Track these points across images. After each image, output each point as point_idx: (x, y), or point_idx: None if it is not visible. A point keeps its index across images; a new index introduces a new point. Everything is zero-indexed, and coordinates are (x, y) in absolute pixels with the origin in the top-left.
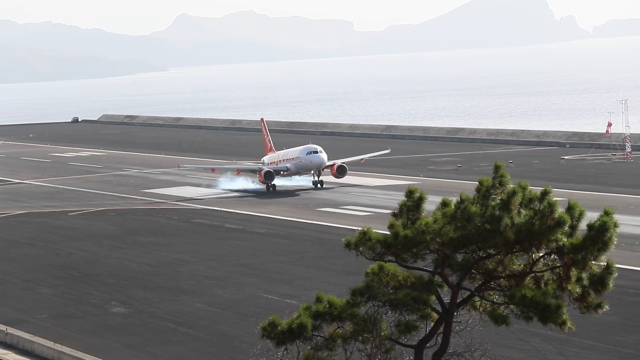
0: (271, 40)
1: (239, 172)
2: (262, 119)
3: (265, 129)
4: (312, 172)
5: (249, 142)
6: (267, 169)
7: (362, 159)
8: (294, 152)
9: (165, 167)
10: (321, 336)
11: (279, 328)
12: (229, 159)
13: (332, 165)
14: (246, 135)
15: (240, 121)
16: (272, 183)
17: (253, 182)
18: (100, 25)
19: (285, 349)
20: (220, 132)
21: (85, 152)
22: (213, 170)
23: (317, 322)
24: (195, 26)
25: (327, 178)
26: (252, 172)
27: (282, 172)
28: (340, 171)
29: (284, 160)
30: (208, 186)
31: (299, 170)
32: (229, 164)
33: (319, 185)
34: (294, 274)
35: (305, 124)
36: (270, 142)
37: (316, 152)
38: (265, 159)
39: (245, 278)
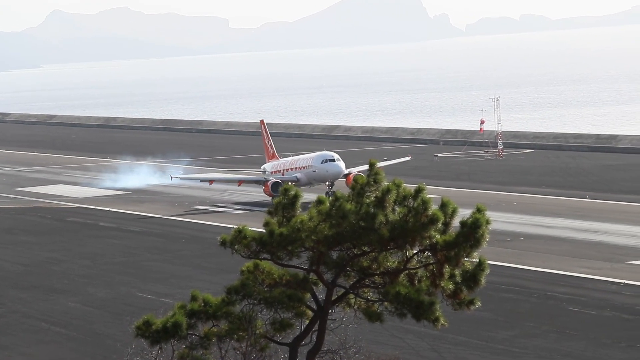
0: (146, 36)
1: (240, 183)
2: (261, 121)
3: (266, 132)
4: (327, 183)
5: (124, 140)
6: (274, 180)
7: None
8: (304, 159)
9: (38, 165)
10: (196, 335)
11: (153, 327)
12: (104, 156)
13: (347, 175)
14: (121, 132)
15: (114, 118)
16: None
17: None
18: None
19: (160, 348)
20: (95, 130)
21: None
22: (210, 182)
23: (192, 320)
24: (69, 22)
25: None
26: (256, 183)
27: (290, 183)
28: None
29: (292, 169)
30: (82, 184)
31: (311, 181)
32: (228, 175)
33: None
34: (168, 273)
35: (180, 121)
36: (272, 148)
37: (333, 160)
38: (267, 167)
39: (119, 277)
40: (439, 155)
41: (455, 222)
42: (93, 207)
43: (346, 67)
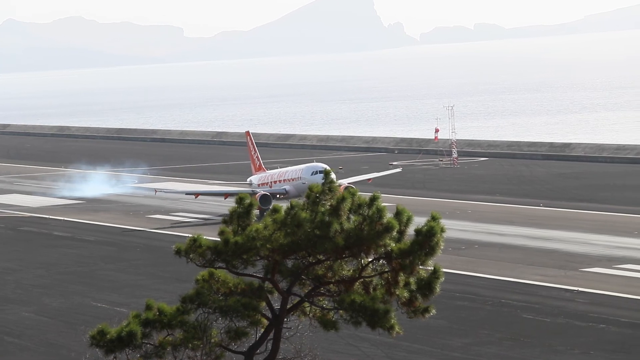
0: (101, 46)
1: (227, 196)
2: (247, 132)
3: (252, 143)
4: None
5: (78, 149)
6: (263, 193)
7: (369, 179)
8: (293, 171)
9: None
10: (151, 344)
11: (108, 336)
12: (58, 166)
13: (338, 187)
14: (75, 142)
15: (69, 127)
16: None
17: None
18: None
19: (115, 357)
20: (49, 139)
21: None
22: (196, 195)
23: (147, 329)
24: (23, 32)
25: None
26: None
27: (278, 196)
28: None
29: (280, 181)
30: (37, 194)
31: (301, 194)
32: (213, 188)
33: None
34: (123, 282)
35: (135, 130)
36: (259, 160)
37: (323, 171)
38: (253, 179)
39: (73, 286)
40: (394, 163)
41: (410, 230)
42: (47, 216)
43: (301, 76)
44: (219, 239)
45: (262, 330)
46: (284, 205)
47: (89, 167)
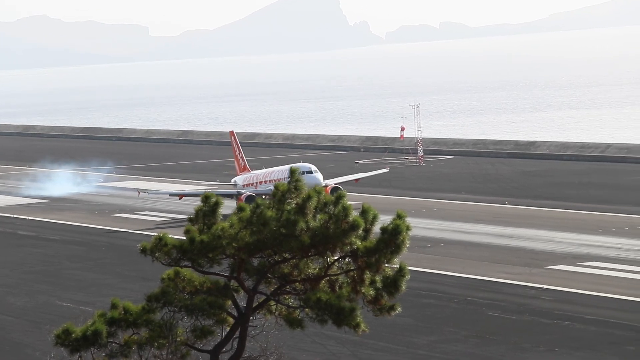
0: (66, 44)
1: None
2: (231, 132)
3: (237, 143)
4: None
5: (43, 148)
6: (248, 194)
7: (356, 180)
8: (279, 171)
9: None
10: (116, 343)
11: (73, 335)
12: (23, 164)
13: (324, 187)
14: (41, 141)
15: (34, 127)
16: None
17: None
18: None
19: (80, 357)
20: (14, 138)
21: None
22: (180, 197)
23: (113, 328)
24: None
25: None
26: (229, 197)
27: (264, 197)
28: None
29: (266, 181)
30: (1, 193)
31: None
32: (198, 189)
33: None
34: (89, 281)
35: (100, 129)
36: (243, 160)
37: (310, 172)
38: (238, 179)
39: (38, 285)
40: (359, 161)
41: (376, 229)
42: (11, 215)
43: (266, 75)
44: (184, 238)
45: (228, 328)
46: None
47: (54, 166)
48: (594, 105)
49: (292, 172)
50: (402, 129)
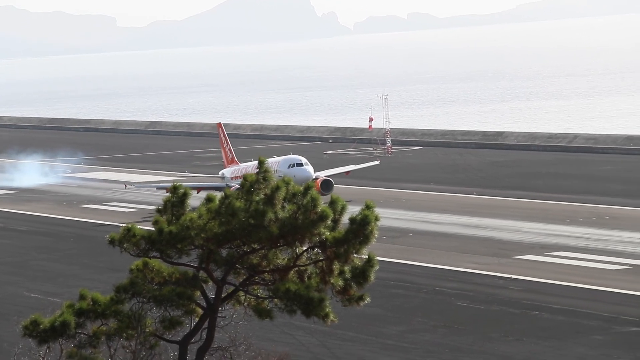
0: (33, 35)
1: (199, 190)
2: (219, 124)
3: (225, 135)
4: None
5: (10, 139)
6: (237, 187)
7: (346, 172)
8: (269, 164)
9: None
10: (85, 334)
11: (41, 326)
12: None
13: (315, 179)
14: (7, 131)
15: (0, 117)
16: None
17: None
18: None
19: (48, 348)
20: None
21: None
22: (167, 190)
23: (81, 319)
24: None
25: None
26: (217, 189)
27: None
28: (326, 187)
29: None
30: None
31: None
32: (186, 181)
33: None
34: (57, 272)
35: (68, 120)
36: (231, 152)
37: (301, 164)
38: (226, 172)
39: (6, 277)
40: (328, 152)
41: (345, 219)
42: None
43: (234, 66)
44: (153, 229)
45: (197, 319)
46: (218, 194)
47: (21, 156)
48: (561, 95)
49: (260, 162)
50: (371, 120)
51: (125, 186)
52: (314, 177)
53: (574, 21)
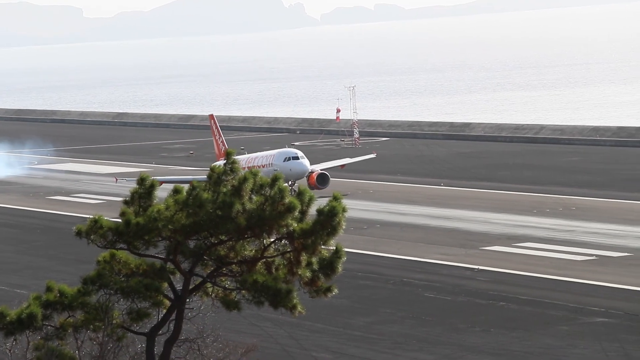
0: None
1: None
2: (211, 115)
3: (217, 127)
4: (290, 182)
5: None
6: (320, 171)
7: (341, 166)
8: (264, 157)
9: None
10: (52, 326)
11: (7, 318)
12: None
13: (310, 173)
14: None
15: None
16: None
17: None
18: None
19: (15, 340)
20: None
21: None
22: (160, 183)
23: (48, 311)
24: None
25: None
26: None
27: None
28: (322, 180)
29: (249, 167)
30: None
31: None
32: (177, 176)
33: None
34: (23, 264)
35: (34, 111)
36: (224, 145)
37: (297, 157)
38: (219, 165)
39: None
40: (295, 143)
41: (312, 210)
42: None
43: (201, 57)
44: (120, 220)
45: (165, 311)
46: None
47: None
48: (528, 87)
49: (228, 154)
50: (338, 111)
51: (116, 180)
52: (309, 170)
53: (537, 13)
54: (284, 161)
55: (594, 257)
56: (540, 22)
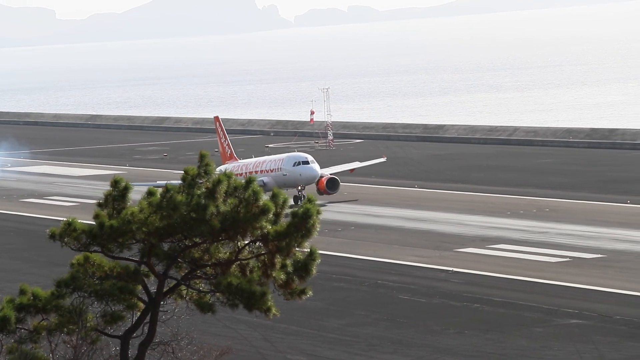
0: None
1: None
2: (216, 118)
3: (222, 130)
4: (299, 187)
5: None
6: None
7: (351, 170)
8: (272, 161)
9: None
10: (25, 329)
11: None
12: None
13: (320, 178)
14: None
15: None
16: None
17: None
18: None
19: None
20: None
21: None
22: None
23: (21, 314)
24: None
25: None
26: None
27: None
28: (332, 185)
29: (256, 172)
30: None
31: (281, 186)
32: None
33: (299, 202)
34: None
35: (7, 113)
36: (230, 148)
37: (307, 162)
38: (224, 169)
39: None
40: (269, 146)
41: (286, 212)
42: None
43: (175, 59)
44: (93, 223)
45: (139, 313)
46: (159, 188)
47: None
48: (501, 88)
49: (202, 156)
50: (312, 113)
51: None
52: (319, 174)
53: (511, 15)
54: (294, 166)
55: (567, 259)
56: (512, 24)
